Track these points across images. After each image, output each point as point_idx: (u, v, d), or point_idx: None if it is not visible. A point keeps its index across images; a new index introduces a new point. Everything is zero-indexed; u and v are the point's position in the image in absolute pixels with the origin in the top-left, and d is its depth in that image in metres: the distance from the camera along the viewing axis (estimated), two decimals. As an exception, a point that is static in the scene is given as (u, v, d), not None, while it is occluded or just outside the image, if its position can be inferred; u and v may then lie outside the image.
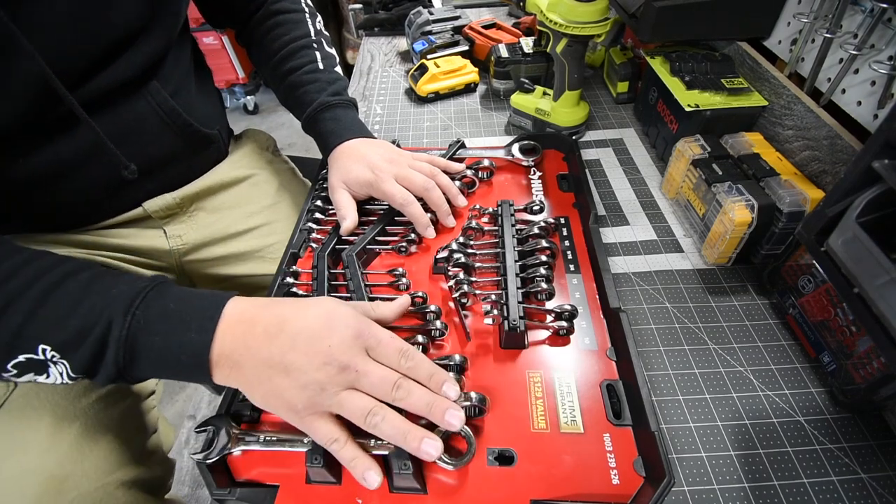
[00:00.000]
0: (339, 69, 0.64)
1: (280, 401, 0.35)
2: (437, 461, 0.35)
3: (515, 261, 0.46)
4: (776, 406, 0.43)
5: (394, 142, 0.61)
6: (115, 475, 0.46)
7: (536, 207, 0.55)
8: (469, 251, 0.50)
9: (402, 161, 0.55)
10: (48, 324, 0.34)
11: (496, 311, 0.43)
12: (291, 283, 0.48)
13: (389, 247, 0.52)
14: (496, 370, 0.42)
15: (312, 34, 0.64)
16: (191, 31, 0.61)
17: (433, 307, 0.45)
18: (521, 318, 0.42)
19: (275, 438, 0.37)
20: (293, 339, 0.35)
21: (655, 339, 0.49)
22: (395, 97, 0.89)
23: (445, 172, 0.57)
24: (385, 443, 0.35)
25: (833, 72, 0.51)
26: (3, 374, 0.35)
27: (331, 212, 0.56)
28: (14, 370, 0.35)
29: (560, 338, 0.44)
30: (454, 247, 0.49)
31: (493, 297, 0.44)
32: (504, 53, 0.83)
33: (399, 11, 1.11)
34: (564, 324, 0.43)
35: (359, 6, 1.32)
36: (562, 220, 0.54)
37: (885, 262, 0.31)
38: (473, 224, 0.52)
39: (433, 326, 0.43)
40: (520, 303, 0.43)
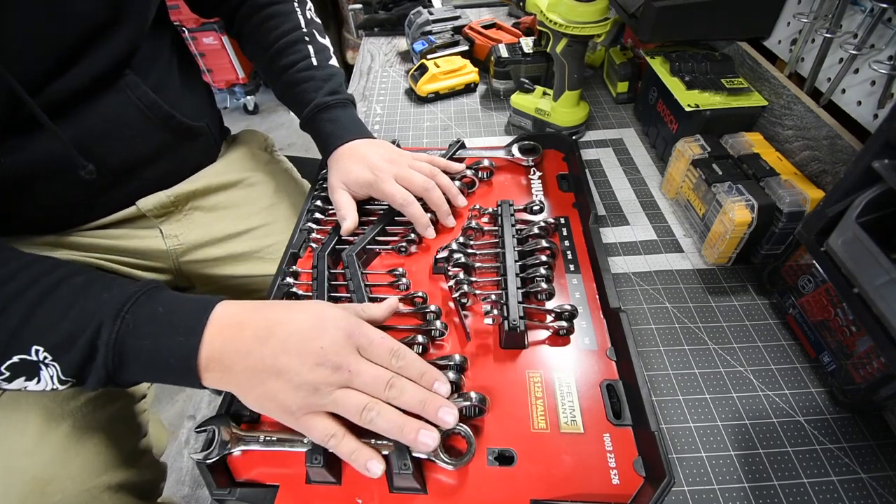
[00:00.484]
0: (334, 60, 0.63)
1: (274, 403, 0.35)
2: (437, 461, 0.35)
3: (515, 261, 0.46)
4: (776, 406, 0.43)
5: (394, 142, 0.61)
6: (103, 478, 0.46)
7: (536, 207, 0.55)
8: (469, 251, 0.50)
9: (402, 161, 0.55)
10: (42, 326, 0.35)
11: (496, 311, 0.43)
12: (291, 284, 0.48)
13: (389, 247, 0.52)
14: (496, 370, 0.42)
15: (303, 25, 0.62)
16: (172, 24, 0.60)
17: (433, 307, 0.45)
18: (521, 318, 0.42)
19: (275, 438, 0.37)
20: (284, 342, 0.35)
21: (655, 339, 0.49)
22: (395, 97, 0.89)
23: (445, 172, 0.57)
24: (383, 443, 0.35)
25: (833, 72, 0.51)
26: None
27: (331, 212, 0.56)
28: (7, 372, 0.35)
29: (560, 338, 0.44)
30: (454, 247, 0.49)
31: (493, 297, 0.44)
32: (504, 53, 0.83)
33: (399, 11, 1.11)
34: (564, 324, 0.43)
35: (359, 6, 1.32)
36: (562, 220, 0.54)
37: (885, 262, 0.31)
38: (473, 224, 0.52)
39: (433, 326, 0.43)
40: (520, 303, 0.43)
